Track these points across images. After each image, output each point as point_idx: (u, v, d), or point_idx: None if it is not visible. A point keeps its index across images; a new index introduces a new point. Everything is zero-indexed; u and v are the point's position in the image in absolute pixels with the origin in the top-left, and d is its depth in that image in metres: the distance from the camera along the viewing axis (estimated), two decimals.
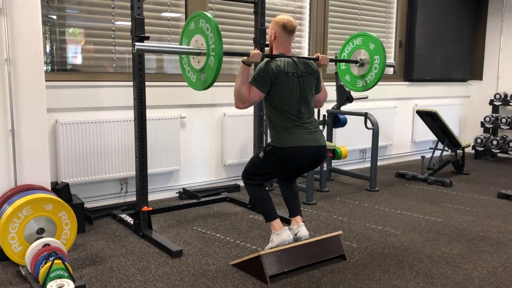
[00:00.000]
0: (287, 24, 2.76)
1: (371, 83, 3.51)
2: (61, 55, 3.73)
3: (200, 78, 2.73)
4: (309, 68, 2.83)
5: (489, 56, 6.70)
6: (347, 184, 4.86)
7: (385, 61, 3.42)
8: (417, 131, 6.19)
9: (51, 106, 3.51)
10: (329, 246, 2.83)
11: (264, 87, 2.66)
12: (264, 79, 2.65)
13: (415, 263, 2.83)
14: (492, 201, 4.27)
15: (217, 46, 2.54)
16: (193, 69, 2.79)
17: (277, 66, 2.67)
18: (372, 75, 3.48)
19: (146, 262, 2.80)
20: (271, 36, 2.82)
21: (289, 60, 2.76)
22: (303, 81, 2.76)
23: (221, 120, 4.48)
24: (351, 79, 3.66)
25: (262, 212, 2.87)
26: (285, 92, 2.69)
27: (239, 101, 2.66)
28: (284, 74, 2.68)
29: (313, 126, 2.78)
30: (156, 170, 4.06)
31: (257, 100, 2.70)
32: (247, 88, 2.64)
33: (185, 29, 2.82)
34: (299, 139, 2.68)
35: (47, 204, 2.59)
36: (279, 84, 2.67)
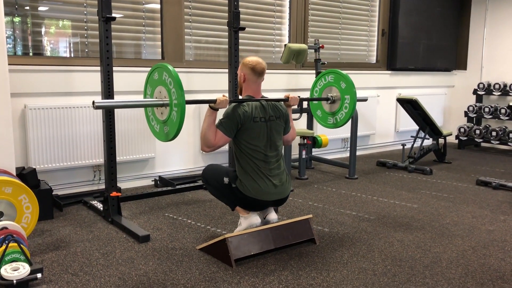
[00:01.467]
0: (256, 66, 2.71)
1: (341, 122, 3.56)
2: (33, 38, 3.65)
3: (163, 130, 2.70)
4: (278, 112, 2.78)
5: (473, 46, 6.68)
6: (327, 172, 4.82)
7: (355, 101, 3.47)
8: (400, 121, 6.16)
9: (20, 90, 3.44)
10: (299, 230, 2.79)
11: (230, 132, 2.63)
12: (231, 124, 2.62)
13: (386, 247, 2.80)
14: (470, 188, 4.24)
15: (179, 101, 2.50)
16: (157, 119, 2.76)
17: (244, 112, 2.63)
18: (343, 114, 3.52)
19: (111, 247, 2.74)
20: (240, 78, 2.78)
21: (257, 104, 2.71)
22: (271, 125, 2.72)
23: (198, 107, 4.41)
24: (322, 115, 3.69)
25: (225, 203, 2.84)
26: (252, 136, 2.66)
27: (205, 145, 2.64)
28: (251, 119, 2.64)
29: (279, 177, 2.72)
30: (130, 158, 4.00)
31: (223, 144, 2.66)
32: (213, 132, 2.61)
33: (149, 78, 2.80)
34: (263, 193, 2.66)
35: (6, 187, 2.52)
36: (246, 129, 2.64)
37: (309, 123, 4.93)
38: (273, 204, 2.81)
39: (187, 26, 4.32)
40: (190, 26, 4.34)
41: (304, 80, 5.10)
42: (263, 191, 2.65)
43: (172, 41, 4.23)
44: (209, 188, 2.87)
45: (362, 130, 5.57)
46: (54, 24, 3.77)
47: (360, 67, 5.79)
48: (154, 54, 4.24)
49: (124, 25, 3.99)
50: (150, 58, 4.21)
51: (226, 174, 2.74)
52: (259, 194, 2.65)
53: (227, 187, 2.72)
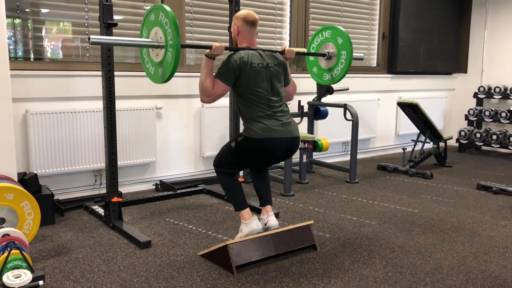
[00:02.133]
0: (247, 16, 2.74)
1: (337, 77, 3.53)
2: (34, 43, 3.66)
3: (158, 71, 2.69)
4: (276, 60, 2.79)
5: (474, 49, 6.68)
6: (328, 176, 4.82)
7: (352, 57, 3.44)
8: (401, 124, 6.17)
9: (22, 95, 3.45)
10: (299, 236, 2.79)
11: (228, 80, 2.62)
12: (228, 72, 2.61)
13: (386, 253, 2.80)
14: (471, 192, 4.25)
15: (175, 41, 2.49)
16: (152, 62, 2.75)
17: (240, 58, 2.63)
18: (338, 69, 3.50)
19: (113, 253, 2.74)
20: (234, 32, 2.79)
21: (254, 52, 2.71)
22: (270, 71, 2.72)
23: (199, 111, 4.42)
24: (318, 71, 3.67)
25: (232, 201, 2.83)
26: (252, 81, 2.64)
27: (204, 95, 2.62)
28: (248, 65, 2.63)
29: (286, 117, 2.72)
30: (131, 162, 4.00)
31: (222, 93, 2.64)
32: (211, 81, 2.60)
33: (146, 20, 2.77)
34: (271, 130, 2.63)
35: (8, 194, 2.52)
36: (244, 75, 2.63)
37: (309, 127, 4.94)
38: (284, 154, 2.75)
39: (188, 30, 4.32)
40: (191, 31, 4.34)
41: (305, 84, 5.10)
42: (270, 128, 2.61)
43: None
44: (218, 174, 2.82)
45: (363, 133, 5.58)
46: (55, 29, 3.77)
47: (360, 70, 5.79)
48: None
49: (125, 29, 3.99)
50: None
51: (232, 140, 2.77)
52: (266, 132, 2.61)
53: (236, 151, 2.70)
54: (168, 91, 4.18)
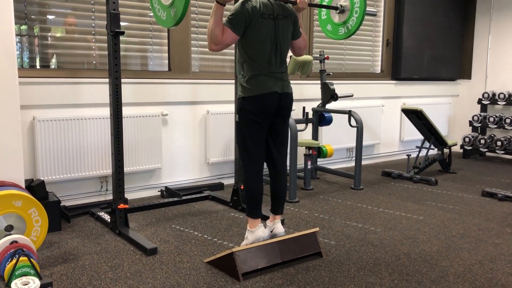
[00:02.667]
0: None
1: (352, 28, 3.43)
2: (41, 51, 3.69)
3: (170, 14, 2.68)
4: (286, 11, 2.76)
5: (478, 55, 6.69)
6: (332, 182, 4.83)
7: (365, 4, 3.36)
8: (405, 130, 6.17)
9: (29, 102, 3.48)
10: (305, 243, 2.80)
11: (238, 28, 2.60)
12: (239, 20, 2.58)
13: (392, 260, 2.80)
14: (476, 199, 4.24)
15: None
16: (162, 6, 2.76)
17: (252, 7, 2.61)
18: (354, 19, 3.41)
19: (119, 260, 2.76)
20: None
21: (265, 1, 2.69)
22: (278, 24, 2.70)
23: (205, 117, 4.44)
24: (333, 27, 3.59)
25: (248, 205, 2.82)
26: (260, 35, 2.63)
27: (212, 42, 2.59)
28: (259, 15, 2.61)
29: (281, 76, 2.75)
30: (137, 168, 4.02)
31: (230, 42, 2.62)
32: (221, 29, 2.57)
33: None
34: (265, 86, 2.67)
35: (16, 201, 2.54)
36: (253, 26, 2.61)
37: (314, 133, 4.95)
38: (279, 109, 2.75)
39: (193, 38, 4.35)
40: (196, 38, 4.37)
41: (310, 90, 5.12)
42: (264, 84, 2.66)
43: (179, 53, 4.26)
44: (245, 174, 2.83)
45: (367, 139, 5.58)
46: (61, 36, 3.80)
47: (365, 77, 5.81)
48: (160, 65, 4.27)
49: (131, 37, 4.03)
50: (157, 69, 4.24)
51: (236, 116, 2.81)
52: (260, 88, 2.66)
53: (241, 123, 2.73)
54: (173, 98, 4.21)
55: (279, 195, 2.92)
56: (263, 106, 2.69)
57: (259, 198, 2.80)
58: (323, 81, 4.75)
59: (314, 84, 5.11)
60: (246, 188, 2.84)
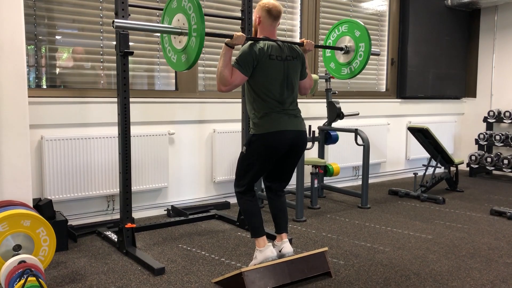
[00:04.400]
0: (272, 9, 2.72)
1: (356, 71, 3.46)
2: (49, 71, 3.74)
3: (181, 59, 2.67)
4: (294, 52, 2.80)
5: (482, 74, 6.71)
6: (339, 201, 4.80)
7: (370, 49, 3.37)
8: (411, 149, 6.16)
9: (37, 122, 3.50)
10: (314, 263, 2.77)
11: (246, 70, 2.62)
12: (247, 61, 2.61)
13: (402, 280, 2.77)
14: (484, 218, 4.21)
15: (199, 26, 2.46)
16: (174, 49, 2.74)
17: (260, 48, 2.64)
18: (357, 62, 3.44)
19: (127, 280, 2.73)
20: (256, 20, 2.79)
21: (273, 43, 2.72)
22: (288, 64, 2.73)
23: (211, 136, 4.45)
24: (336, 66, 3.62)
25: (250, 226, 2.82)
26: (269, 75, 2.65)
27: (221, 84, 2.62)
28: (267, 56, 2.64)
29: (294, 113, 2.75)
30: (143, 187, 4.02)
31: (239, 83, 2.64)
32: (230, 70, 2.60)
33: (167, 8, 2.74)
34: (278, 124, 2.65)
35: (25, 220, 2.54)
36: (262, 66, 2.64)
37: (320, 152, 4.95)
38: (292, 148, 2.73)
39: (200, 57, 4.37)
40: (203, 57, 4.41)
41: (316, 109, 5.14)
42: (277, 122, 2.64)
43: (186, 72, 4.29)
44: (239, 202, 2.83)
45: (373, 158, 5.57)
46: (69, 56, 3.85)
47: (370, 95, 5.83)
48: (167, 85, 4.30)
49: (139, 57, 4.07)
50: (164, 89, 4.27)
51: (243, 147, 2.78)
52: (273, 126, 2.63)
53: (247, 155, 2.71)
54: (180, 117, 4.23)
55: (280, 214, 2.91)
56: (276, 143, 2.68)
57: (258, 216, 2.79)
58: (329, 99, 4.77)
59: (320, 103, 5.13)
60: (244, 211, 2.84)
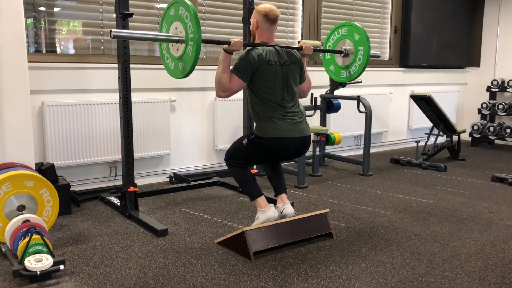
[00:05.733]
0: (269, 13, 2.71)
1: (354, 74, 3.48)
2: (49, 36, 3.70)
3: (178, 66, 2.68)
4: (292, 57, 2.79)
5: (487, 43, 6.63)
6: (341, 169, 4.81)
7: (369, 52, 3.38)
8: (413, 118, 6.14)
9: (38, 87, 3.48)
10: (316, 224, 2.79)
11: (245, 76, 2.62)
12: (245, 67, 2.61)
13: (403, 241, 2.79)
14: (486, 184, 4.22)
15: (196, 35, 2.48)
16: (172, 57, 2.73)
17: (258, 55, 2.63)
18: (356, 66, 3.45)
19: (130, 241, 2.76)
20: (253, 25, 2.78)
21: (271, 49, 2.72)
22: (287, 69, 2.72)
23: (212, 104, 4.44)
24: (335, 69, 3.63)
25: (246, 191, 2.85)
26: (268, 80, 2.65)
27: (220, 90, 2.63)
28: (266, 62, 2.64)
29: (298, 116, 2.73)
30: (145, 154, 4.03)
31: (238, 89, 2.65)
32: (228, 76, 2.61)
33: (165, 15, 2.75)
34: (282, 130, 2.65)
35: (28, 181, 2.55)
36: (261, 72, 2.63)
37: (322, 120, 4.93)
38: (295, 153, 2.77)
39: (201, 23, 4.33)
40: (204, 24, 4.36)
41: (317, 77, 5.08)
42: (282, 128, 2.63)
43: None
44: (230, 168, 2.84)
45: (375, 127, 5.55)
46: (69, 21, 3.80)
47: (373, 64, 5.77)
48: None
49: (138, 22, 4.01)
50: None
51: (244, 137, 2.77)
52: (278, 132, 2.63)
53: (247, 148, 2.71)
54: (181, 84, 4.20)
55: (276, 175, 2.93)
56: (279, 149, 2.69)
57: (252, 179, 2.80)
58: None
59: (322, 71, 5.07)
60: (237, 179, 2.85)
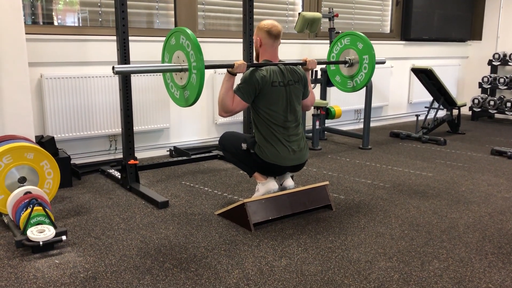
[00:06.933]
0: (272, 29, 2.68)
1: (361, 84, 3.41)
2: (46, 7, 3.64)
3: (183, 95, 2.63)
4: (296, 75, 2.76)
5: (489, 16, 6.54)
6: (340, 143, 4.82)
7: (375, 61, 3.31)
8: (414, 92, 6.11)
9: (36, 60, 3.44)
10: (315, 196, 2.81)
11: (248, 97, 2.61)
12: (248, 90, 2.60)
13: (402, 212, 2.82)
14: (485, 157, 4.23)
15: (198, 63, 2.42)
16: (176, 85, 2.69)
17: (262, 77, 2.60)
18: (362, 75, 3.38)
19: (131, 213, 2.79)
20: (257, 43, 2.74)
21: (275, 68, 2.68)
22: (290, 89, 2.70)
23: (212, 77, 4.40)
24: (342, 80, 3.55)
25: (243, 169, 2.86)
26: (271, 102, 2.63)
27: (222, 110, 2.62)
28: (270, 84, 2.61)
29: (298, 143, 2.72)
30: (145, 128, 4.02)
31: (240, 109, 2.65)
32: (231, 97, 2.59)
33: (166, 44, 2.69)
34: (281, 158, 2.67)
35: (28, 153, 2.56)
36: (264, 94, 2.62)
37: (322, 93, 4.91)
38: (291, 170, 2.83)
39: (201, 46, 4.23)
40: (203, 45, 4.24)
41: (318, 50, 5.05)
42: (281, 156, 2.66)
43: (185, 10, 4.19)
44: (226, 155, 2.89)
45: (375, 101, 5.53)
46: None
47: (373, 37, 5.69)
48: (167, 23, 4.21)
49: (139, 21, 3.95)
50: (163, 27, 4.18)
51: (244, 140, 2.75)
52: (277, 159, 2.66)
53: (245, 153, 2.74)
54: None
55: None
56: (273, 170, 2.74)
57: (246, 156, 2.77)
58: (332, 39, 4.67)
59: (322, 44, 5.03)
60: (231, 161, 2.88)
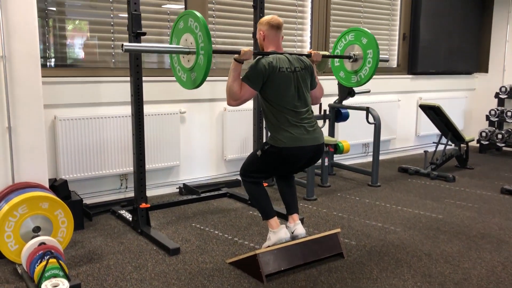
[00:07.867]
0: (271, 20, 2.78)
1: (365, 78, 3.47)
2: (60, 50, 3.72)
3: (190, 77, 2.70)
4: (303, 63, 2.81)
5: (495, 48, 6.60)
6: (349, 179, 4.82)
7: (379, 55, 3.37)
8: (421, 125, 6.13)
9: (50, 102, 3.49)
10: (327, 244, 2.81)
11: (256, 84, 2.64)
12: (256, 76, 2.63)
13: (414, 261, 2.81)
14: (495, 196, 4.22)
15: (206, 44, 2.50)
16: (183, 68, 2.76)
17: (269, 63, 2.64)
18: (366, 69, 3.45)
19: (143, 260, 2.79)
20: (260, 38, 2.82)
21: (282, 56, 2.73)
22: (298, 76, 2.74)
23: (222, 115, 4.45)
24: (345, 75, 3.62)
25: (259, 209, 2.86)
26: (280, 87, 2.66)
27: (231, 98, 2.65)
28: (277, 69, 2.65)
29: (311, 124, 2.74)
30: (156, 166, 4.05)
31: (249, 97, 2.67)
32: (239, 85, 2.63)
33: (175, 28, 2.78)
34: (297, 139, 2.66)
35: (43, 203, 2.58)
36: (272, 80, 2.65)
37: (330, 129, 4.94)
38: (308, 163, 2.81)
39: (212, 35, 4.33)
40: (213, 35, 4.36)
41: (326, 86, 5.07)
42: (296, 137, 2.64)
43: None
44: (246, 185, 2.84)
45: (383, 135, 5.54)
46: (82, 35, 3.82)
47: (381, 71, 5.74)
48: None
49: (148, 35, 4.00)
50: None
51: (257, 150, 2.79)
52: (292, 142, 2.63)
53: (262, 158, 2.72)
54: (191, 96, 4.21)
55: (288, 191, 2.94)
56: (294, 158, 2.71)
57: (266, 197, 2.81)
58: None
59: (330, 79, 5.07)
60: (250, 194, 2.88)
